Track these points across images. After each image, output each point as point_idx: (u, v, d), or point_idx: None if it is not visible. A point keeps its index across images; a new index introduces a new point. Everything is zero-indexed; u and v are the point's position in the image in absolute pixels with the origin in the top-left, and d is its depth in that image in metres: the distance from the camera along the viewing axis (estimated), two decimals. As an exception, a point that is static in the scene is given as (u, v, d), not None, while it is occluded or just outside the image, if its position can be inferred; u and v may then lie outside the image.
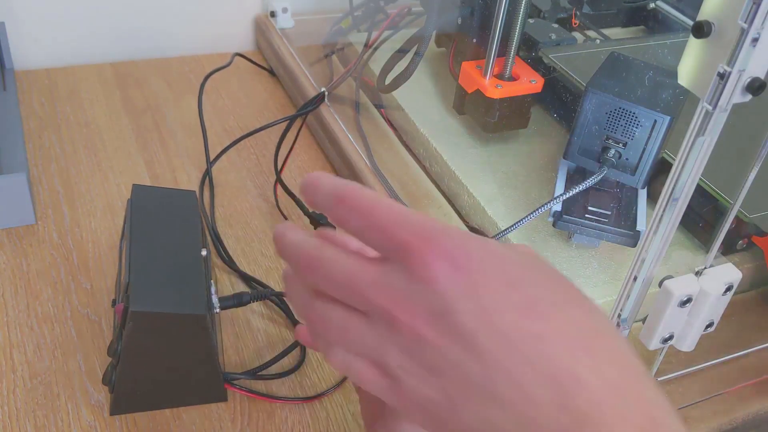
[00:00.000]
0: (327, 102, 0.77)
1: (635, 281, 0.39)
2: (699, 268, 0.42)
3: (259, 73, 0.90)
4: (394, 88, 0.71)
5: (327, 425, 0.50)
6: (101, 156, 0.72)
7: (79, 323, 0.55)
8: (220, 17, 0.92)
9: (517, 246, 0.31)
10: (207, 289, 0.48)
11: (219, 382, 0.49)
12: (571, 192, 0.54)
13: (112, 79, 0.84)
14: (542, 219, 0.58)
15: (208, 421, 0.49)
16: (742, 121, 0.36)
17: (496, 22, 0.63)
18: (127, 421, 0.48)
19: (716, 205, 0.58)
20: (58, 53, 0.86)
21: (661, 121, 0.53)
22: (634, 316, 0.41)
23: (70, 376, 0.51)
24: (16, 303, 0.56)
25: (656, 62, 0.59)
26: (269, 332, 0.56)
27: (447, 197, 0.67)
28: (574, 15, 0.79)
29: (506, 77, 0.66)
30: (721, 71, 0.32)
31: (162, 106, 0.81)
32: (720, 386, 0.53)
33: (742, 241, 0.59)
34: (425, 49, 0.69)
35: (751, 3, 0.30)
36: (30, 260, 0.59)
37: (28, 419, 0.48)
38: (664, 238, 0.37)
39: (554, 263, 0.57)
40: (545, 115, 0.74)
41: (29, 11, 0.83)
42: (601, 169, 0.55)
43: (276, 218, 0.67)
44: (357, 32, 0.87)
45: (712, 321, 0.44)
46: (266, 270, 0.62)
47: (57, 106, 0.78)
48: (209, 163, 0.72)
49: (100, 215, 0.65)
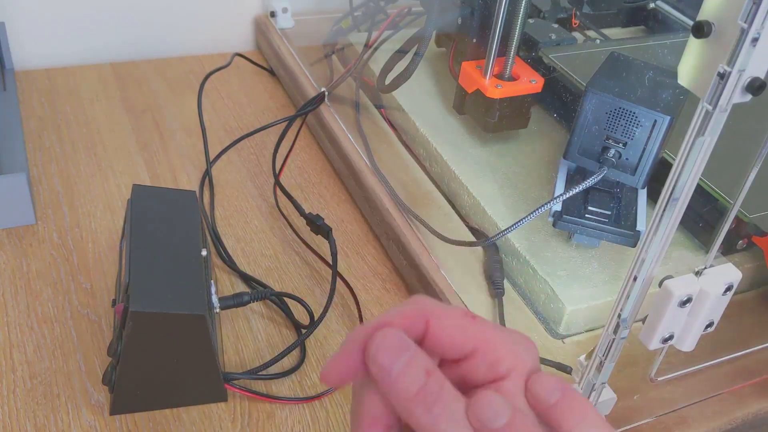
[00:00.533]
0: (327, 102, 0.77)
1: (635, 281, 0.39)
2: (699, 268, 0.42)
3: (259, 73, 0.90)
4: (394, 88, 0.71)
5: (327, 425, 0.50)
6: (101, 156, 0.72)
7: (79, 323, 0.55)
8: (220, 17, 0.92)
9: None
10: (207, 289, 0.48)
11: (219, 382, 0.49)
12: (571, 192, 0.54)
13: (112, 79, 0.84)
14: (542, 219, 0.58)
15: (208, 421, 0.49)
16: (742, 121, 0.36)
17: (496, 22, 0.63)
18: (127, 421, 0.48)
19: (716, 205, 0.58)
20: (58, 53, 0.86)
21: (661, 121, 0.53)
22: (634, 316, 0.41)
23: (70, 376, 0.51)
24: (16, 303, 0.56)
25: (656, 62, 0.59)
26: (269, 332, 0.56)
27: (447, 197, 0.67)
28: (574, 15, 0.79)
29: (506, 77, 0.66)
30: (721, 71, 0.32)
31: (162, 106, 0.81)
32: (720, 386, 0.53)
33: (742, 241, 0.59)
34: (425, 49, 0.69)
35: (751, 3, 0.30)
36: (30, 260, 0.59)
37: (28, 419, 0.48)
38: (664, 238, 0.37)
39: (554, 263, 0.57)
40: (545, 115, 0.74)
41: (29, 11, 0.83)
42: (601, 169, 0.55)
43: (276, 218, 0.67)
44: (357, 32, 0.87)
45: (712, 321, 0.44)
46: (266, 270, 0.62)
47: (57, 106, 0.78)
48: (209, 163, 0.72)
49: (100, 215, 0.65)
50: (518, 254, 0.58)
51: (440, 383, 0.27)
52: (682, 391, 0.52)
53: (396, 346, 0.27)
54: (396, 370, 0.27)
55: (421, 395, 0.26)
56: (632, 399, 0.50)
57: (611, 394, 0.46)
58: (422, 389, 0.27)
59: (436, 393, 0.27)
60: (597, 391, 0.44)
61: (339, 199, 0.71)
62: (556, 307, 0.55)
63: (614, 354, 0.42)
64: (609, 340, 0.41)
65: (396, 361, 0.27)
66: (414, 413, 0.27)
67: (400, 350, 0.27)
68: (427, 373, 0.27)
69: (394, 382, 0.27)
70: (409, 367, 0.27)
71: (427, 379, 0.27)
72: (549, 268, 0.57)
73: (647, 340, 0.43)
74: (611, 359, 0.42)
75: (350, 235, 0.67)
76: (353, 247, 0.66)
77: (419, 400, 0.26)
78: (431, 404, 0.26)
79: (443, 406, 0.27)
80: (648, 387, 0.51)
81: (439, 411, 0.27)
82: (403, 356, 0.27)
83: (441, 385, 0.27)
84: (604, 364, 0.42)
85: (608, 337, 0.41)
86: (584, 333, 0.56)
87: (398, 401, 0.27)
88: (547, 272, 0.56)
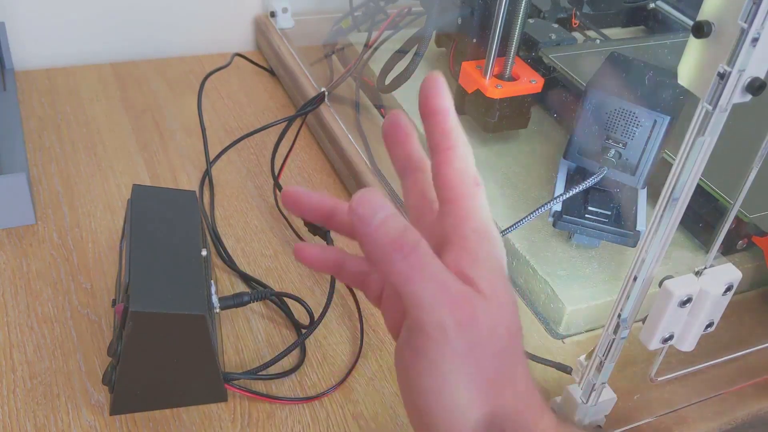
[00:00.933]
0: (327, 102, 0.77)
1: (635, 281, 0.39)
2: (699, 268, 0.42)
3: (259, 73, 0.90)
4: (394, 88, 0.71)
5: (327, 425, 0.50)
6: (101, 156, 0.72)
7: (79, 323, 0.55)
8: (220, 17, 0.92)
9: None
10: (207, 289, 0.48)
11: (219, 382, 0.49)
12: (571, 192, 0.54)
13: (112, 79, 0.84)
14: (542, 219, 0.58)
15: (208, 421, 0.49)
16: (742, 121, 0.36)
17: (496, 22, 0.63)
18: (127, 421, 0.48)
19: (716, 205, 0.58)
20: (58, 53, 0.86)
21: (661, 121, 0.53)
22: (634, 316, 0.41)
23: (70, 376, 0.51)
24: (16, 303, 0.56)
25: (656, 62, 0.59)
26: (269, 332, 0.56)
27: (447, 197, 0.67)
28: (574, 15, 0.79)
29: (506, 77, 0.66)
30: (721, 71, 0.32)
31: (162, 106, 0.81)
32: (720, 386, 0.53)
33: (742, 241, 0.59)
34: (425, 49, 0.69)
35: (751, 3, 0.30)
36: (30, 260, 0.59)
37: (28, 419, 0.48)
38: (664, 238, 0.37)
39: (554, 263, 0.57)
40: (545, 115, 0.74)
41: (29, 11, 0.83)
42: (601, 169, 0.55)
43: (276, 218, 0.67)
44: (357, 32, 0.87)
45: (712, 321, 0.44)
46: (266, 270, 0.62)
47: (57, 106, 0.78)
48: (209, 163, 0.72)
49: (100, 215, 0.65)
50: (518, 254, 0.58)
51: (417, 237, 0.29)
52: (682, 391, 0.52)
53: (377, 202, 0.28)
54: (376, 221, 0.28)
55: (399, 243, 0.28)
56: (632, 399, 0.50)
57: (611, 394, 0.46)
58: (400, 237, 0.28)
59: (413, 244, 0.28)
60: (597, 391, 0.44)
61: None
62: (556, 307, 0.55)
63: (614, 354, 0.42)
64: (609, 340, 0.41)
65: (377, 213, 0.28)
66: (390, 259, 0.28)
67: (381, 205, 0.28)
68: (405, 227, 0.28)
69: (374, 230, 0.28)
70: (388, 218, 0.28)
71: (404, 231, 0.28)
72: (549, 268, 0.57)
73: (647, 340, 0.43)
74: (611, 359, 0.42)
75: (350, 235, 0.67)
76: (353, 247, 0.65)
77: (396, 248, 0.28)
78: (407, 253, 0.28)
79: (418, 256, 0.28)
80: (648, 387, 0.51)
81: (415, 260, 0.28)
82: (384, 210, 0.28)
83: (417, 239, 0.29)
84: (604, 364, 0.42)
85: (608, 337, 0.41)
86: (584, 333, 0.56)
87: (375, 248, 0.28)
88: (547, 272, 0.56)
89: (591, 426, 0.47)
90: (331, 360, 0.55)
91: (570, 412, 0.46)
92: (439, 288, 0.29)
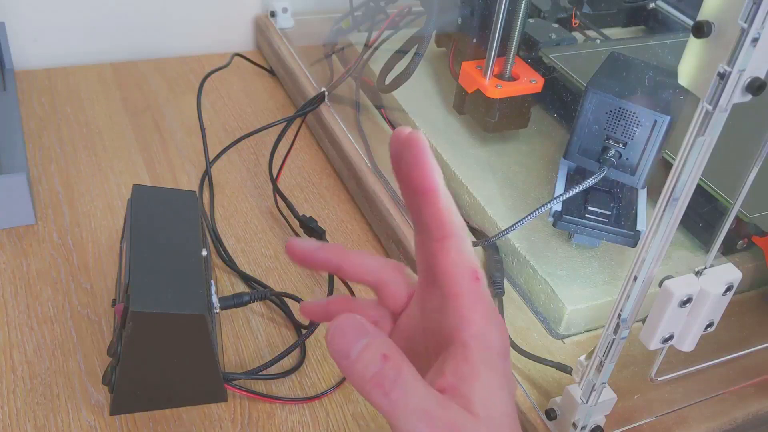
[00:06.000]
0: (327, 102, 0.77)
1: (635, 281, 0.39)
2: (699, 268, 0.42)
3: (259, 73, 0.90)
4: (394, 88, 0.71)
5: (327, 425, 0.50)
6: (101, 156, 0.72)
7: (79, 323, 0.55)
8: (220, 17, 0.92)
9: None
10: (207, 289, 0.48)
11: (219, 382, 0.49)
12: (571, 192, 0.54)
13: (112, 79, 0.84)
14: (542, 219, 0.58)
15: (208, 421, 0.49)
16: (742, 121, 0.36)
17: (496, 22, 0.63)
18: (127, 421, 0.48)
19: (716, 205, 0.58)
20: (58, 53, 0.86)
21: (661, 121, 0.53)
22: (634, 316, 0.41)
23: (70, 376, 0.51)
24: (16, 303, 0.56)
25: (656, 62, 0.59)
26: (269, 332, 0.56)
27: (447, 197, 0.67)
28: (574, 15, 0.79)
29: (506, 77, 0.66)
30: (721, 71, 0.32)
31: (162, 106, 0.81)
32: (720, 386, 0.53)
33: (742, 241, 0.59)
34: (425, 49, 0.69)
35: (751, 3, 0.30)
36: (30, 260, 0.59)
37: (28, 419, 0.48)
38: (664, 238, 0.37)
39: (554, 263, 0.57)
40: (545, 115, 0.74)
41: (29, 11, 0.83)
42: (601, 169, 0.55)
43: (276, 218, 0.67)
44: (357, 32, 0.87)
45: (712, 321, 0.44)
46: (266, 270, 0.62)
47: (57, 106, 0.78)
48: (209, 163, 0.72)
49: (100, 215, 0.65)
50: (518, 254, 0.58)
51: (397, 368, 0.27)
52: (682, 391, 0.52)
53: (354, 331, 0.27)
54: (354, 354, 0.27)
55: (378, 380, 0.27)
56: (632, 399, 0.50)
57: (611, 394, 0.46)
58: (378, 373, 0.27)
59: (393, 378, 0.27)
60: (597, 391, 0.44)
61: (339, 199, 0.71)
62: (556, 307, 0.55)
63: (614, 354, 0.42)
64: (609, 340, 0.41)
65: (353, 346, 0.27)
66: (371, 397, 0.27)
67: (357, 335, 0.27)
68: (384, 357, 0.27)
69: (352, 365, 0.27)
70: (365, 350, 0.27)
71: (384, 364, 0.27)
72: (549, 268, 0.57)
73: (647, 340, 0.43)
74: (611, 359, 0.42)
75: (350, 235, 0.67)
76: (353, 247, 0.66)
77: (376, 384, 0.27)
78: (388, 390, 0.27)
79: (400, 392, 0.27)
80: (648, 387, 0.51)
81: (396, 396, 0.27)
82: (361, 341, 0.27)
83: (398, 370, 0.27)
84: (604, 364, 0.42)
85: (608, 337, 0.41)
86: (584, 333, 0.56)
87: (356, 383, 0.27)
88: (547, 272, 0.56)
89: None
90: (331, 360, 0.55)
91: (570, 412, 0.46)
92: (425, 422, 0.27)
